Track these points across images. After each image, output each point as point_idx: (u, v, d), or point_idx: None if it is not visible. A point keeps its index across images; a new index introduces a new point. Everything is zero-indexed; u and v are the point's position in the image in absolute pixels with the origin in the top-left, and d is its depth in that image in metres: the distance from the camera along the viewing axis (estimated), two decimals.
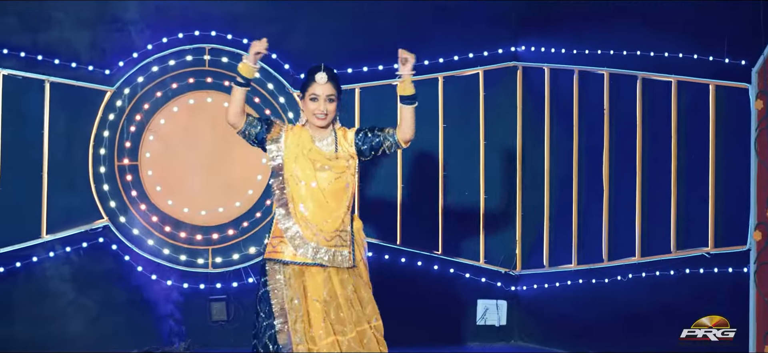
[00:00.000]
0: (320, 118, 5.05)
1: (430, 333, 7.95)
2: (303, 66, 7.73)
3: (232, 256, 7.71)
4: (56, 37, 7.65)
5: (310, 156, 5.03)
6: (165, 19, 7.71)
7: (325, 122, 5.06)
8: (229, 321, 7.70)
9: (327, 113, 5.04)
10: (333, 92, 5.06)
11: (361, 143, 5.08)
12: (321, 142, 5.07)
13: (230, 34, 7.72)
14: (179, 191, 7.74)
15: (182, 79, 7.71)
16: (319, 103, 5.04)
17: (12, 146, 7.55)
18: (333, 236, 5.00)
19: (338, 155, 5.05)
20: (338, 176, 5.03)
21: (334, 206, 5.01)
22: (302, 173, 5.03)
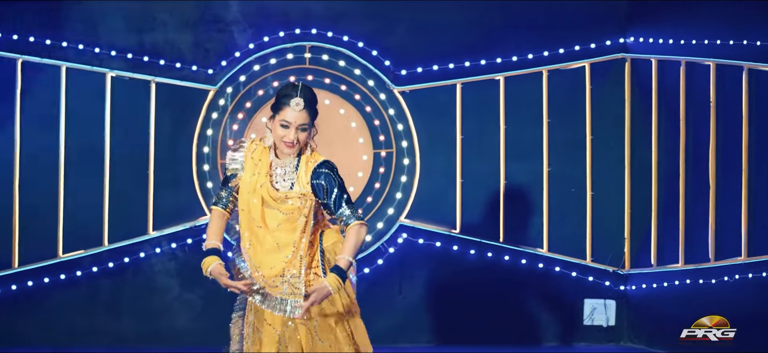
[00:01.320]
0: (288, 146, 4.40)
1: (535, 333, 7.81)
2: (404, 62, 7.71)
3: None
4: (161, 39, 7.79)
5: (260, 192, 4.42)
6: (266, 18, 7.76)
7: (293, 151, 4.42)
8: None
9: (297, 142, 4.41)
10: (306, 120, 4.40)
11: (315, 192, 4.43)
12: (281, 169, 4.44)
13: (331, 31, 7.72)
14: None
15: (283, 78, 7.74)
16: (290, 131, 4.38)
17: (120, 146, 7.71)
18: (278, 284, 4.42)
19: (290, 194, 4.40)
20: (287, 218, 4.41)
21: (282, 248, 4.41)
22: (253, 210, 4.43)
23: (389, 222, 7.70)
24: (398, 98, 7.72)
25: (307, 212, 4.41)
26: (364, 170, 7.74)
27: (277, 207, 4.39)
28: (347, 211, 4.41)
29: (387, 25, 7.77)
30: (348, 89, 7.72)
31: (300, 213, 4.40)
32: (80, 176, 7.66)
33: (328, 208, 4.43)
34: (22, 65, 7.61)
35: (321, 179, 4.41)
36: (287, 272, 4.39)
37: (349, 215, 4.41)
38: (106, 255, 7.65)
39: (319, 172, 4.42)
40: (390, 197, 7.72)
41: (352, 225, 4.40)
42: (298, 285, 4.39)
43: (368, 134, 7.74)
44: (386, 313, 7.72)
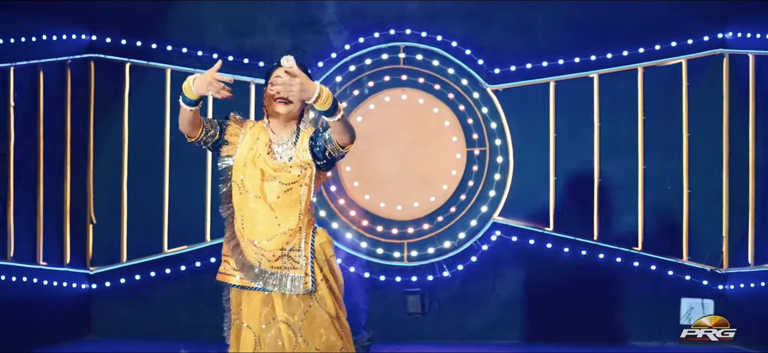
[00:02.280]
0: (282, 102, 4.29)
1: (630, 332, 7.76)
2: (498, 62, 7.77)
3: (427, 250, 7.82)
4: (261, 41, 8.03)
5: (259, 164, 4.27)
6: (361, 19, 7.92)
7: (287, 108, 4.28)
8: (424, 313, 7.82)
9: (290, 101, 4.30)
10: (297, 73, 4.18)
11: (313, 144, 4.32)
12: (280, 145, 4.33)
13: (425, 31, 7.83)
14: (376, 187, 7.93)
15: (378, 78, 7.89)
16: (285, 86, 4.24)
17: None
18: (278, 257, 4.25)
19: (292, 164, 4.28)
20: (289, 188, 4.24)
21: (281, 222, 4.24)
22: (249, 183, 4.27)
23: (482, 220, 7.77)
24: (491, 96, 7.78)
25: (308, 181, 4.27)
26: (457, 169, 7.83)
27: (278, 178, 4.24)
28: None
29: (481, 24, 7.84)
30: (442, 88, 7.82)
31: (301, 183, 4.26)
32: (184, 175, 7.94)
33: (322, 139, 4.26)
34: (130, 68, 7.94)
35: (316, 134, 4.29)
36: (287, 246, 4.24)
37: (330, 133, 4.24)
38: (208, 251, 7.92)
39: (316, 130, 4.32)
40: (483, 194, 7.78)
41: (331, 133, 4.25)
42: (298, 259, 4.26)
43: (462, 132, 7.82)
44: (479, 310, 7.79)
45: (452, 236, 7.77)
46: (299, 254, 4.26)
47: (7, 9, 7.07)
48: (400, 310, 7.84)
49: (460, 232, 7.77)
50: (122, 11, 7.99)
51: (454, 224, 7.79)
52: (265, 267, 4.24)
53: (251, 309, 4.28)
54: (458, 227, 7.79)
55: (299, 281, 4.24)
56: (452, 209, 7.82)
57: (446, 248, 7.78)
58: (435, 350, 7.43)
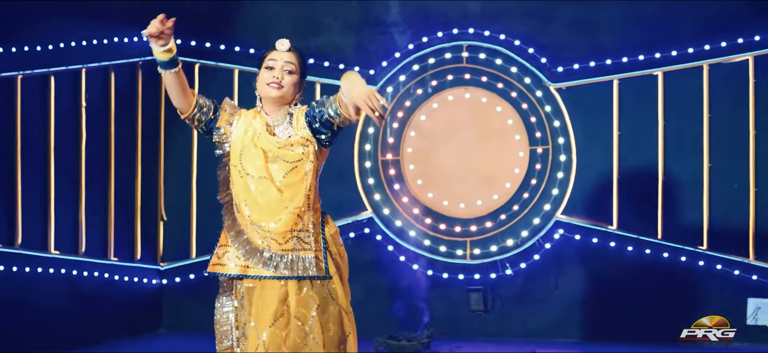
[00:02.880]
0: (274, 86, 4.08)
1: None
2: (560, 59, 7.78)
3: (490, 248, 7.86)
4: (326, 42, 8.15)
5: (260, 144, 4.08)
6: (425, 18, 7.99)
7: (280, 93, 4.08)
8: (486, 310, 7.86)
9: (282, 81, 4.09)
10: (294, 61, 4.13)
11: (311, 118, 4.08)
12: (277, 125, 4.13)
13: (488, 30, 7.87)
14: (439, 185, 7.99)
15: (441, 77, 7.95)
16: (276, 70, 4.09)
17: None
18: (288, 238, 4.04)
19: (293, 141, 4.07)
20: (293, 167, 4.05)
21: (288, 202, 4.04)
22: (250, 165, 4.08)
23: (545, 218, 7.78)
24: (554, 94, 7.79)
25: (313, 157, 4.07)
26: (520, 167, 7.85)
27: (282, 156, 4.05)
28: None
29: (543, 22, 7.86)
30: (504, 86, 7.85)
31: (305, 160, 4.06)
32: None
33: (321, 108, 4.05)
34: (199, 69, 8.13)
35: (311, 109, 4.08)
36: (295, 227, 4.04)
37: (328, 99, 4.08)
38: None
39: (310, 105, 4.11)
40: (546, 193, 7.79)
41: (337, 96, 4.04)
42: (308, 240, 4.07)
43: (524, 131, 7.84)
44: (542, 308, 7.81)
45: (515, 235, 7.81)
46: (308, 235, 4.07)
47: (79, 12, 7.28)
48: (462, 307, 7.90)
49: (523, 230, 7.79)
50: (192, 13, 8.17)
51: (517, 223, 7.81)
52: (275, 250, 4.02)
53: (265, 304, 4.05)
54: (521, 225, 7.81)
55: (311, 262, 4.05)
56: (515, 207, 7.85)
57: (509, 246, 7.82)
58: (496, 348, 7.46)
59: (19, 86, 6.81)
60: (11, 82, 6.79)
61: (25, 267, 6.83)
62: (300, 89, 4.17)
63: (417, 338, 7.22)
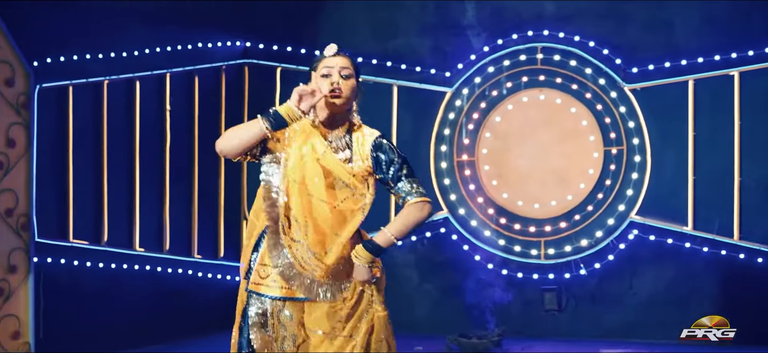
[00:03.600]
0: (335, 95, 3.77)
1: None
2: (635, 60, 7.78)
3: (564, 248, 7.91)
4: (403, 45, 8.32)
5: (322, 162, 3.77)
6: (500, 21, 8.08)
7: (341, 101, 3.79)
8: (560, 310, 7.92)
9: (341, 88, 3.80)
10: (348, 65, 3.85)
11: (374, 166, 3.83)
12: (336, 141, 3.83)
13: (562, 32, 7.92)
14: (514, 185, 8.07)
15: (516, 78, 8.03)
16: (333, 77, 3.81)
17: None
18: (337, 271, 3.78)
19: (354, 169, 3.78)
20: (353, 194, 3.78)
21: (338, 230, 3.75)
22: (310, 184, 3.76)
23: (620, 219, 7.79)
24: (629, 95, 7.79)
25: (371, 190, 3.82)
26: (594, 168, 7.88)
27: (344, 179, 3.76)
28: (407, 186, 3.81)
29: (618, 23, 7.87)
30: (579, 87, 7.90)
31: (367, 191, 3.80)
32: None
33: (385, 183, 3.83)
34: (281, 72, 8.37)
35: (381, 151, 3.82)
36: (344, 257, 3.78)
37: (409, 191, 3.81)
38: None
39: (380, 142, 3.84)
40: (621, 193, 7.81)
41: (411, 202, 3.80)
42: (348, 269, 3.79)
43: (599, 131, 7.87)
44: (617, 308, 7.82)
45: (589, 235, 7.84)
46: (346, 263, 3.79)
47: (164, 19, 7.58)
48: (537, 307, 7.97)
49: (597, 230, 7.83)
50: (275, 17, 8.43)
51: (592, 223, 7.85)
52: (319, 277, 3.74)
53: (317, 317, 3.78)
54: (595, 225, 7.84)
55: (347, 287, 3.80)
56: (589, 208, 7.88)
57: (583, 246, 7.86)
58: (568, 348, 7.50)
59: (105, 91, 7.13)
60: (98, 88, 7.11)
61: (111, 264, 7.15)
62: (358, 93, 3.91)
63: (487, 336, 7.32)
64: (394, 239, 3.80)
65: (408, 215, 3.81)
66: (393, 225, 3.83)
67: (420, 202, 3.81)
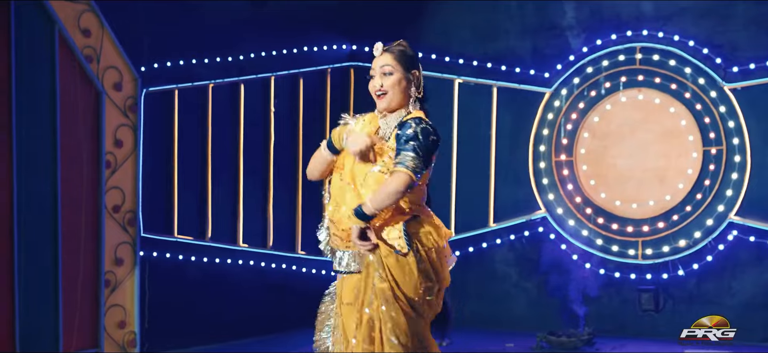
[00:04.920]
0: (378, 97, 3.99)
1: None
2: (736, 60, 7.69)
3: (662, 248, 7.86)
4: (503, 46, 8.43)
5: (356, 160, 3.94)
6: (598, 21, 8.10)
7: (385, 100, 3.97)
8: (658, 310, 7.88)
9: (384, 89, 3.96)
10: (390, 62, 3.96)
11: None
12: (384, 130, 3.98)
13: (661, 32, 7.89)
14: (612, 185, 8.08)
15: (615, 78, 8.04)
16: (375, 78, 4.00)
17: (466, 145, 8.45)
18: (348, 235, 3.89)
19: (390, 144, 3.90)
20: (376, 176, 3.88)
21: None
22: (347, 170, 3.96)
23: (719, 219, 7.70)
24: (729, 95, 7.70)
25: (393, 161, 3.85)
26: (693, 168, 7.82)
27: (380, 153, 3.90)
28: (399, 157, 3.82)
29: (718, 22, 7.78)
30: (678, 87, 7.84)
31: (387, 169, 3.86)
32: None
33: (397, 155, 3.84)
34: None
35: (401, 128, 3.88)
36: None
37: (397, 161, 3.82)
38: (453, 245, 8.38)
39: (406, 122, 3.90)
40: (720, 194, 7.72)
41: (395, 170, 3.81)
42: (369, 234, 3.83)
43: (698, 131, 7.80)
44: (715, 310, 7.68)
45: (687, 235, 7.78)
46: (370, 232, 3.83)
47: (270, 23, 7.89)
48: (634, 307, 7.95)
49: (696, 231, 7.76)
50: (379, 20, 8.65)
51: (690, 223, 7.78)
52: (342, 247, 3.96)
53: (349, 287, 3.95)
54: (694, 226, 7.78)
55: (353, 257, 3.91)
56: (688, 208, 7.82)
57: (681, 246, 7.80)
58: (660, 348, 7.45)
59: (210, 94, 7.50)
60: (203, 91, 7.48)
61: (215, 258, 7.50)
62: (411, 84, 3.97)
63: (576, 335, 7.35)
64: (370, 205, 3.78)
65: (384, 183, 3.82)
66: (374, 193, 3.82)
67: (397, 171, 3.79)
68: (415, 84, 3.99)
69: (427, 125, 3.86)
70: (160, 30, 6.90)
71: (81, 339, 6.12)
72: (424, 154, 3.80)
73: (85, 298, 6.13)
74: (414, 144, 3.80)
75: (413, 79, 3.98)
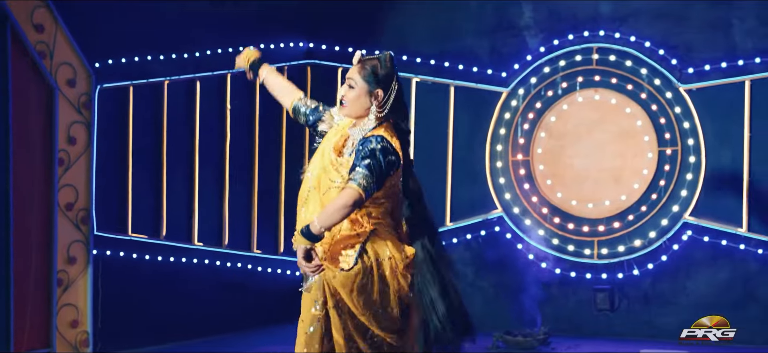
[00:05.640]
0: (341, 104, 4.04)
1: None
2: (691, 61, 7.74)
3: (618, 248, 7.90)
4: (461, 45, 8.43)
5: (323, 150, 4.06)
6: (556, 21, 8.13)
7: (344, 111, 4.03)
8: (613, 310, 7.92)
9: (343, 97, 4.00)
10: (353, 76, 4.01)
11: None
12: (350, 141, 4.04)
13: (618, 32, 7.92)
14: (568, 185, 8.11)
15: (571, 78, 8.07)
16: (342, 88, 4.06)
17: (422, 144, 8.42)
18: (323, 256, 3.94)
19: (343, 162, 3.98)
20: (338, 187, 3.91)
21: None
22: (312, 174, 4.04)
23: (673, 219, 7.76)
24: (684, 96, 7.75)
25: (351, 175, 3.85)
26: (649, 168, 7.87)
27: (336, 171, 3.95)
28: (352, 173, 3.83)
29: (674, 23, 7.83)
30: (634, 88, 7.89)
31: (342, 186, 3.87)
32: None
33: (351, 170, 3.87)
34: (342, 73, 8.54)
35: (364, 145, 3.88)
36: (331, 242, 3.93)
37: (351, 177, 3.82)
38: None
39: (366, 139, 3.91)
40: (675, 194, 7.77)
41: (345, 186, 3.82)
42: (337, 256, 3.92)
43: (654, 132, 7.85)
44: (670, 309, 7.78)
45: (643, 235, 7.83)
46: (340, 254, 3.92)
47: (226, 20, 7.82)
48: (589, 307, 7.99)
49: (651, 231, 7.81)
50: (337, 19, 8.62)
51: (645, 223, 7.84)
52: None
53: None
54: (649, 226, 7.83)
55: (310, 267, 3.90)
56: (643, 208, 7.87)
57: (636, 246, 7.85)
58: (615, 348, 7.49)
59: (165, 91, 7.40)
60: (158, 88, 7.39)
61: (169, 257, 7.42)
62: (372, 99, 3.97)
63: (532, 335, 7.37)
64: (317, 224, 3.80)
65: (332, 200, 3.85)
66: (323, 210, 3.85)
67: (347, 187, 3.79)
68: (376, 102, 3.98)
69: (387, 145, 3.87)
70: (114, 25, 6.81)
71: (33, 338, 6.02)
72: (377, 173, 3.81)
73: (37, 297, 6.03)
74: (370, 162, 3.81)
75: (375, 97, 3.97)
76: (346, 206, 3.77)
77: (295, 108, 4.34)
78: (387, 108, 3.98)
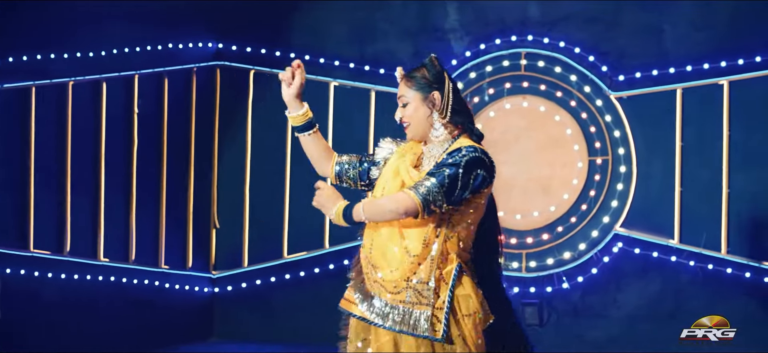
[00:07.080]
0: (404, 127, 3.79)
1: None
2: (622, 68, 7.57)
3: (546, 261, 7.66)
4: (382, 48, 8.05)
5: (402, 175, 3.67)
6: (483, 25, 7.84)
7: (409, 131, 3.76)
8: (542, 325, 7.68)
9: (403, 119, 3.79)
10: (404, 93, 3.79)
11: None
12: (428, 160, 3.71)
13: (547, 37, 7.69)
14: (495, 194, 7.78)
15: (498, 85, 7.79)
16: (398, 111, 3.83)
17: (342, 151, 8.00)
18: (401, 289, 3.51)
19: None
20: None
21: (409, 245, 3.53)
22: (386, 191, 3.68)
23: (604, 231, 7.56)
24: (615, 104, 7.56)
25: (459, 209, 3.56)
26: (578, 178, 7.65)
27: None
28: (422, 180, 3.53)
29: (605, 29, 7.64)
30: (564, 95, 7.66)
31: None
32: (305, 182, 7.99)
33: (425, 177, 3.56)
34: (254, 75, 8.09)
35: (453, 155, 3.55)
36: (413, 276, 3.51)
37: (417, 183, 3.53)
38: (328, 257, 7.98)
39: (454, 151, 3.58)
40: (605, 205, 7.58)
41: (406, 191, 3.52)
42: (426, 293, 3.49)
43: (584, 140, 7.63)
44: (600, 323, 7.60)
45: (572, 247, 7.60)
46: (427, 289, 3.50)
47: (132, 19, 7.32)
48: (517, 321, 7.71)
49: (581, 243, 7.59)
50: (249, 19, 8.15)
51: (575, 235, 7.61)
52: (385, 297, 3.55)
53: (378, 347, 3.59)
54: (579, 237, 7.61)
55: (427, 321, 3.48)
56: (573, 220, 7.64)
57: (566, 259, 7.62)
58: None
59: (70, 92, 6.85)
60: (62, 89, 6.82)
61: (73, 274, 6.86)
62: (433, 107, 3.70)
63: None
64: (363, 214, 3.59)
65: (388, 196, 3.60)
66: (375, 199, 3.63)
67: (402, 193, 3.52)
68: (435, 108, 3.71)
69: (479, 157, 3.55)
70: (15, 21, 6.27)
71: None
72: (449, 187, 3.48)
73: None
74: (447, 172, 3.49)
75: (432, 102, 3.72)
76: (395, 212, 3.50)
77: (339, 172, 3.99)
78: (449, 111, 3.69)
